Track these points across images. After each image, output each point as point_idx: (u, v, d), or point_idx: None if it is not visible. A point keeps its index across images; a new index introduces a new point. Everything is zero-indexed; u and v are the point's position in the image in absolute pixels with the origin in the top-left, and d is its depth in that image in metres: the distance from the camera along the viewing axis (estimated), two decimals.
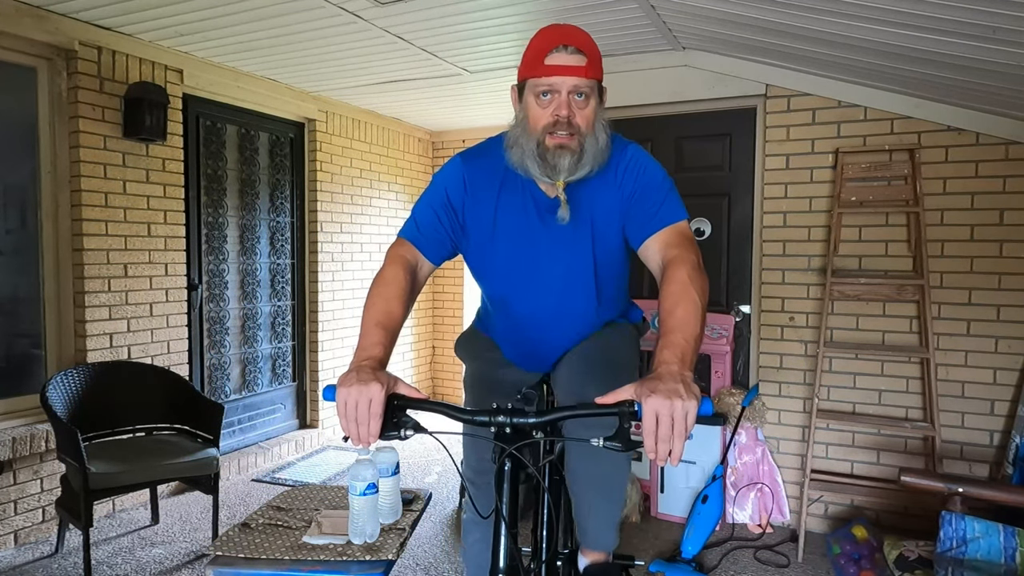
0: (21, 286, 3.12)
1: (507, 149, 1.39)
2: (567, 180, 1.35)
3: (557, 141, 1.31)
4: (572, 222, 1.41)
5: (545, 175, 1.34)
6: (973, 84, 2.56)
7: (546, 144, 1.32)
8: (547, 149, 1.32)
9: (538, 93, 1.31)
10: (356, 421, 1.10)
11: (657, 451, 0.99)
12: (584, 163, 1.33)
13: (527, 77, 1.33)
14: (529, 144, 1.34)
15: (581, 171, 1.34)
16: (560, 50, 1.28)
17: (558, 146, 1.31)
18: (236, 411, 4.12)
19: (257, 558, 1.49)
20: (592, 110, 1.33)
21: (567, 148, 1.31)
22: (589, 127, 1.33)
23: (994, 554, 1.99)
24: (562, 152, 1.31)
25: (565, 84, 1.29)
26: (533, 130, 1.33)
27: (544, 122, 1.31)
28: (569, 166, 1.32)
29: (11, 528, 2.93)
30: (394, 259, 1.39)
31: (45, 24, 2.98)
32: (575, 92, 1.30)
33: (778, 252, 3.25)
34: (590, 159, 1.34)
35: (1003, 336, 2.88)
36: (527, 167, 1.35)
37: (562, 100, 1.30)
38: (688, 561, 2.80)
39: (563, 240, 1.43)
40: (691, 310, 1.17)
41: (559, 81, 1.29)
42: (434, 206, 1.44)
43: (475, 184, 1.45)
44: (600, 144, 1.35)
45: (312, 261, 4.60)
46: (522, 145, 1.35)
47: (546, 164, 1.32)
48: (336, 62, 3.69)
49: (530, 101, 1.33)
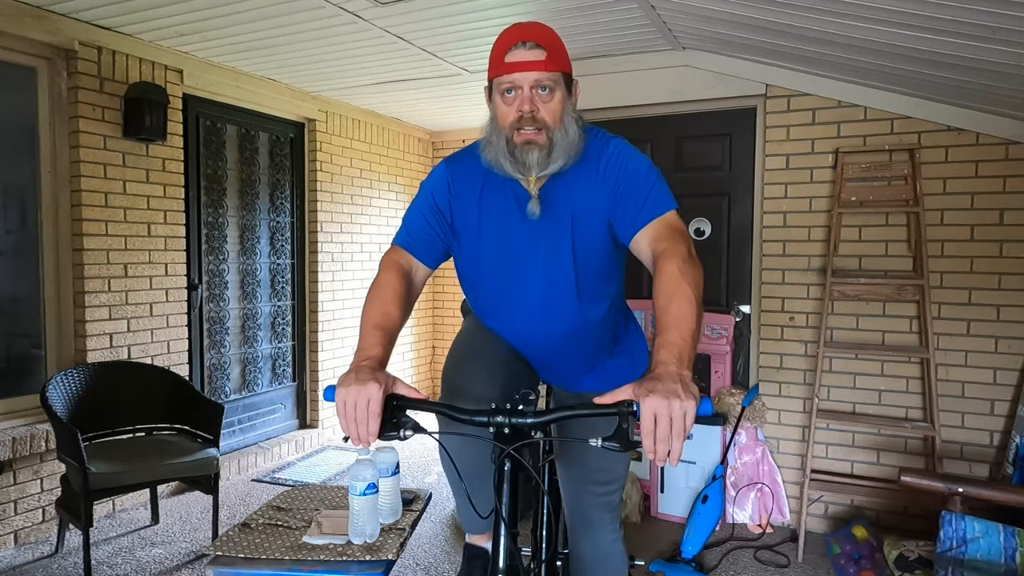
0: (21, 286, 3.12)
1: (482, 150, 1.41)
2: (539, 175, 1.36)
3: (524, 138, 1.32)
4: (551, 217, 1.41)
5: (517, 172, 1.36)
6: (973, 84, 2.56)
7: (514, 141, 1.33)
8: (516, 146, 1.33)
9: (502, 91, 1.33)
10: (355, 421, 1.10)
11: (656, 451, 0.99)
12: (555, 157, 1.34)
13: (492, 77, 1.35)
14: (500, 142, 1.35)
15: (553, 165, 1.35)
16: (519, 47, 1.30)
17: (525, 142, 1.32)
18: (236, 411, 4.12)
19: (257, 558, 1.49)
20: (558, 103, 1.34)
21: (534, 143, 1.32)
22: (556, 120, 1.34)
23: (994, 554, 1.99)
24: (529, 148, 1.32)
25: (526, 79, 1.30)
26: (502, 128, 1.35)
27: (510, 119, 1.33)
28: (539, 161, 1.33)
29: (11, 528, 2.94)
30: (388, 265, 1.41)
31: (45, 24, 2.98)
32: (537, 86, 1.31)
33: (778, 252, 3.25)
34: (561, 153, 1.34)
35: (1003, 336, 2.88)
36: (501, 164, 1.37)
37: (525, 96, 1.31)
38: (688, 561, 2.80)
39: (542, 235, 1.43)
40: (685, 305, 1.15)
41: (520, 77, 1.30)
42: (422, 210, 1.47)
43: (459, 186, 1.46)
44: (570, 136, 1.35)
45: (312, 261, 4.60)
46: (494, 144, 1.37)
47: (516, 160, 1.34)
48: (336, 62, 3.69)
49: (496, 100, 1.36)
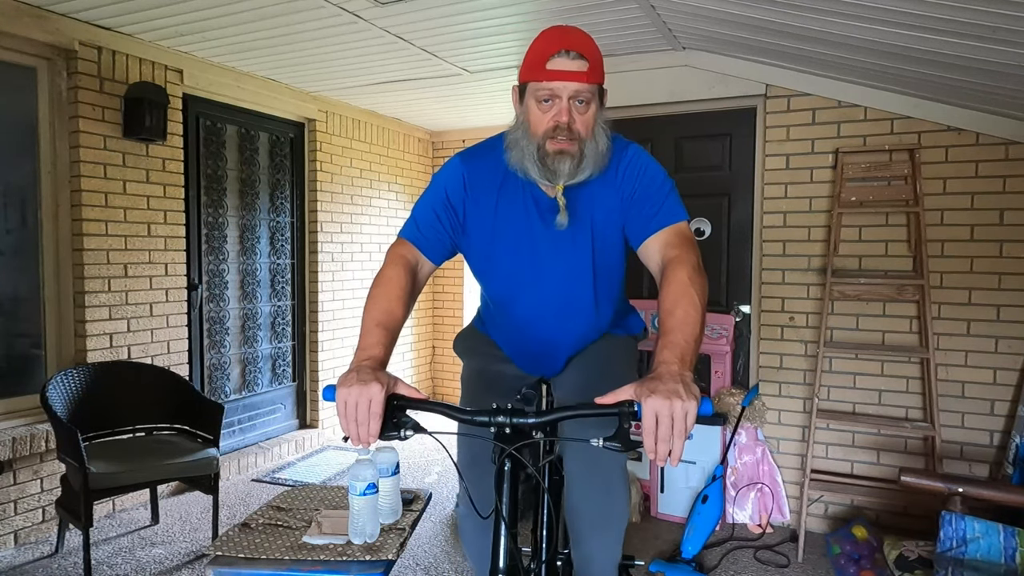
0: (21, 286, 3.12)
1: (507, 150, 1.38)
2: (566, 184, 1.34)
3: (557, 147, 1.30)
4: (572, 224, 1.41)
5: (545, 179, 1.34)
6: (973, 84, 2.56)
7: (546, 149, 1.31)
8: (547, 154, 1.31)
9: (539, 98, 1.30)
10: (356, 421, 1.10)
11: (657, 451, 0.99)
12: (584, 167, 1.33)
13: (528, 80, 1.31)
14: (529, 147, 1.33)
15: (581, 175, 1.34)
16: (562, 55, 1.27)
17: (558, 151, 1.30)
18: (236, 411, 4.12)
19: (257, 558, 1.49)
20: (592, 115, 1.32)
21: (567, 153, 1.30)
22: (589, 132, 1.32)
23: (994, 554, 1.99)
24: (562, 157, 1.30)
25: (566, 90, 1.28)
26: (534, 134, 1.33)
27: (544, 127, 1.31)
28: (569, 171, 1.31)
29: (11, 528, 2.93)
30: (394, 259, 1.38)
31: (45, 24, 2.98)
32: (576, 98, 1.29)
33: (778, 252, 3.25)
34: (590, 163, 1.33)
35: (1003, 336, 2.88)
36: (527, 169, 1.35)
37: (563, 106, 1.29)
38: (688, 561, 2.80)
39: (563, 241, 1.43)
40: (691, 311, 1.17)
41: (560, 87, 1.27)
42: (434, 206, 1.44)
43: (475, 184, 1.44)
44: (600, 148, 1.34)
45: (312, 261, 4.60)
46: (522, 147, 1.34)
47: (546, 168, 1.32)
48: (336, 62, 3.69)
49: (531, 105, 1.32)
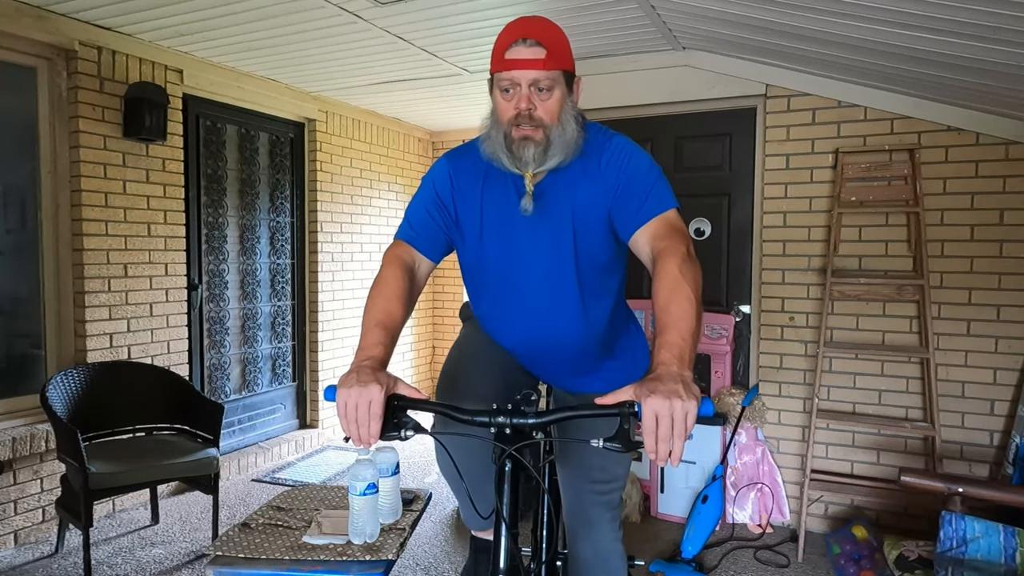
0: (21, 286, 3.12)
1: (482, 143, 1.41)
2: (536, 171, 1.36)
3: (521, 133, 1.32)
4: (551, 212, 1.42)
5: (514, 167, 1.36)
6: (973, 84, 2.56)
7: (512, 136, 1.33)
8: (513, 141, 1.33)
9: (501, 87, 1.33)
10: (356, 422, 1.10)
11: (657, 451, 0.99)
12: (552, 154, 1.34)
13: (493, 72, 1.35)
14: (498, 136, 1.36)
15: (550, 162, 1.35)
16: (519, 44, 1.30)
17: (522, 138, 1.33)
18: (236, 411, 4.12)
19: (257, 558, 1.49)
20: (556, 101, 1.33)
21: (531, 140, 1.32)
22: (554, 118, 1.34)
23: (994, 554, 1.99)
24: (526, 144, 1.33)
25: (524, 78, 1.30)
26: (500, 123, 1.36)
27: (508, 115, 1.33)
28: (536, 157, 1.33)
29: (11, 528, 2.93)
30: (391, 260, 1.40)
31: (45, 24, 2.98)
32: (535, 85, 1.31)
33: (778, 252, 3.25)
34: (558, 150, 1.34)
35: (1003, 336, 2.88)
36: (499, 158, 1.37)
37: (522, 94, 1.31)
38: (688, 561, 2.80)
39: (543, 230, 1.43)
40: (685, 305, 1.15)
41: (518, 75, 1.30)
42: (425, 204, 1.46)
43: (461, 179, 1.47)
44: (568, 134, 1.35)
45: (312, 261, 4.60)
46: (492, 137, 1.37)
47: (513, 156, 1.34)
48: (336, 62, 3.69)
49: (496, 95, 1.36)
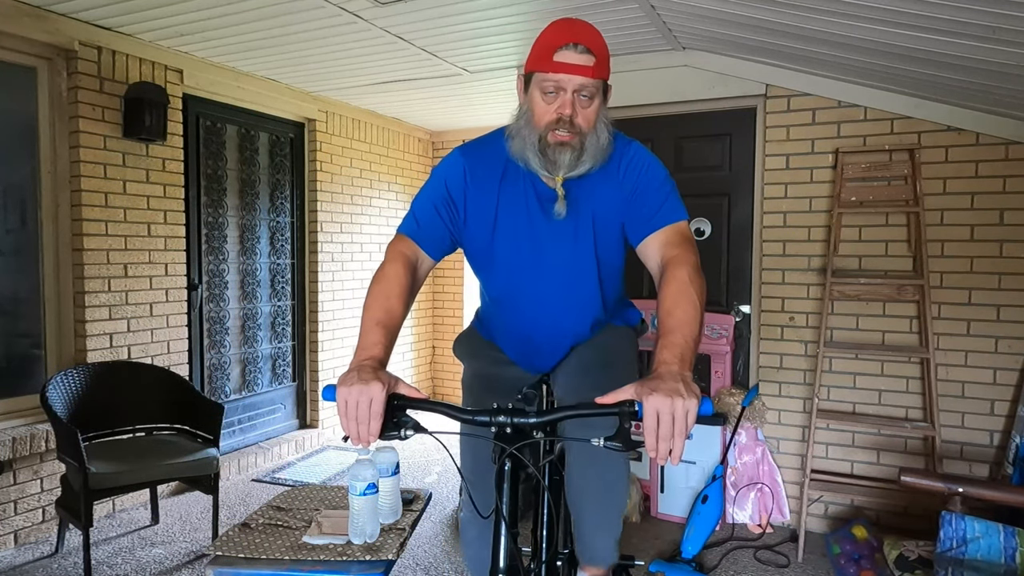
0: (21, 286, 3.12)
1: (508, 139, 1.39)
2: (566, 176, 1.35)
3: (559, 139, 1.31)
4: (574, 217, 1.41)
5: (545, 170, 1.35)
6: (973, 84, 2.56)
7: (548, 140, 1.32)
8: (548, 145, 1.32)
9: (544, 89, 1.31)
10: (356, 421, 1.10)
11: (658, 450, 0.99)
12: (584, 160, 1.34)
13: (534, 70, 1.32)
14: (531, 137, 1.34)
15: (581, 168, 1.35)
16: (570, 48, 1.27)
17: (560, 143, 1.31)
18: (236, 411, 4.12)
19: (257, 558, 1.49)
20: (595, 109, 1.33)
21: (568, 145, 1.31)
22: (591, 126, 1.33)
23: (994, 554, 1.99)
24: (563, 149, 1.32)
25: (571, 83, 1.28)
26: (536, 124, 1.33)
27: (547, 119, 1.32)
28: (569, 162, 1.33)
29: (11, 528, 2.93)
30: (394, 256, 1.38)
31: (45, 24, 2.98)
32: (580, 92, 1.29)
33: (778, 252, 3.25)
34: (590, 157, 1.34)
35: (1003, 336, 2.88)
36: (527, 159, 1.36)
37: (567, 99, 1.29)
38: (688, 561, 2.80)
39: (566, 234, 1.43)
40: (690, 311, 1.17)
41: (566, 79, 1.28)
42: (434, 200, 1.43)
43: (476, 176, 1.44)
44: (601, 142, 1.35)
45: (312, 261, 4.60)
46: (524, 137, 1.35)
47: (546, 159, 1.33)
48: (336, 62, 3.69)
49: (535, 95, 1.33)
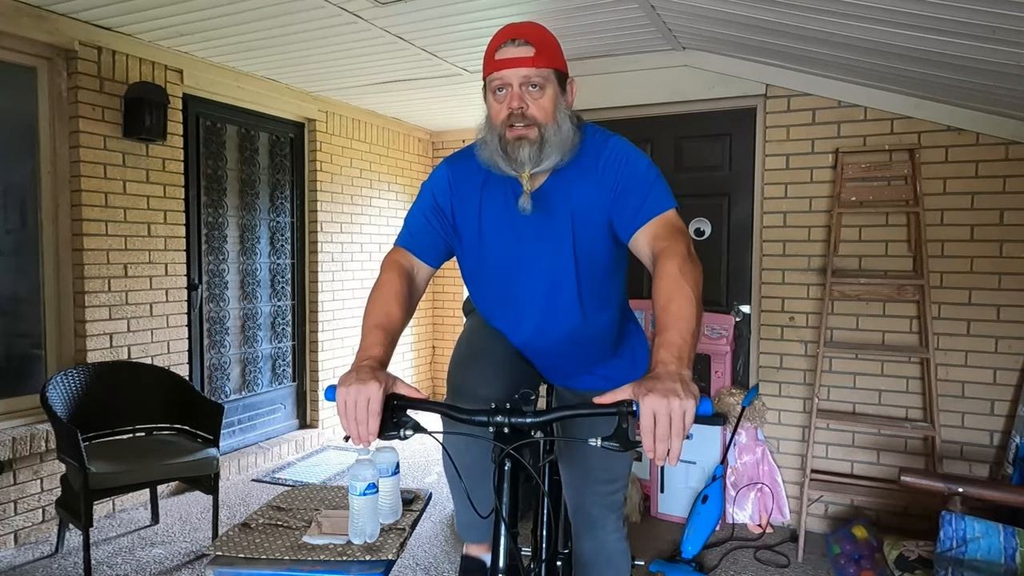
0: (21, 286, 3.12)
1: (478, 149, 1.41)
2: (533, 171, 1.35)
3: (515, 133, 1.32)
4: (551, 215, 1.41)
5: (511, 169, 1.35)
6: (973, 84, 2.56)
7: (506, 137, 1.33)
8: (508, 142, 1.33)
9: (494, 89, 1.34)
10: (355, 420, 1.11)
11: (656, 450, 0.99)
12: (547, 153, 1.34)
13: (484, 76, 1.36)
14: (493, 140, 1.36)
15: (546, 161, 1.34)
16: (508, 44, 1.31)
17: (517, 138, 1.32)
18: (236, 411, 4.12)
19: (257, 558, 1.49)
20: (550, 99, 1.34)
21: (525, 139, 1.32)
22: (547, 116, 1.33)
23: (994, 554, 1.99)
24: (520, 143, 1.32)
25: (515, 76, 1.31)
26: (494, 126, 1.36)
27: (501, 116, 1.34)
28: (531, 156, 1.33)
29: (11, 528, 2.93)
30: (389, 265, 1.42)
31: (45, 24, 2.98)
32: (527, 83, 1.31)
33: (778, 252, 3.25)
34: (554, 149, 1.34)
35: (1003, 336, 2.88)
36: (496, 163, 1.37)
37: (514, 92, 1.32)
38: (688, 561, 2.80)
39: (544, 233, 1.43)
40: (685, 305, 1.15)
41: (508, 74, 1.31)
42: (423, 210, 1.47)
43: (460, 185, 1.47)
44: (563, 132, 1.35)
45: (312, 261, 4.60)
46: (488, 142, 1.37)
47: (509, 157, 1.34)
48: (336, 62, 3.69)
49: (489, 98, 1.36)
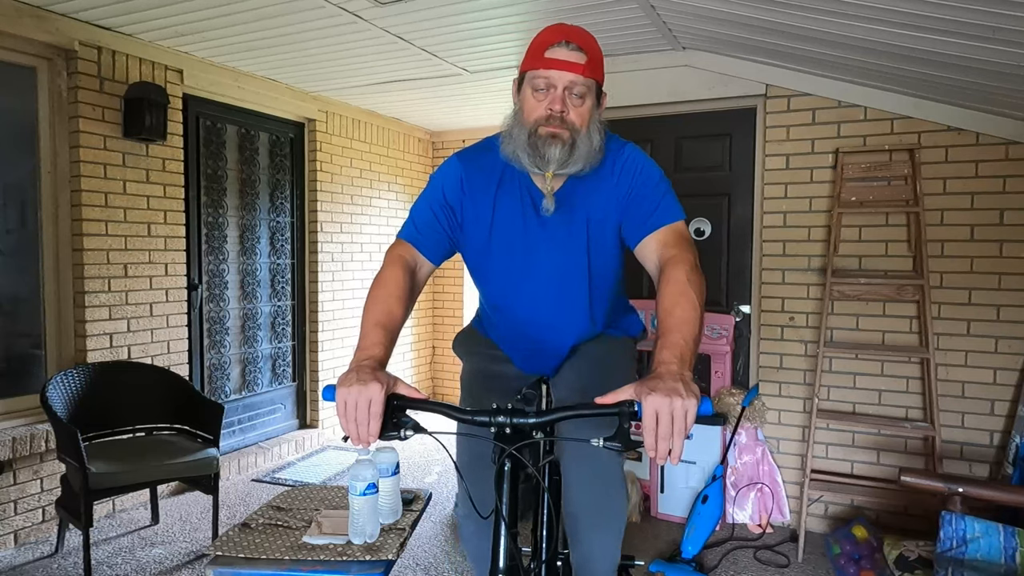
0: (21, 286, 3.12)
1: (502, 142, 1.39)
2: (556, 172, 1.34)
3: (549, 131, 1.30)
4: (567, 219, 1.41)
5: (535, 166, 1.33)
6: (973, 84, 2.56)
7: (538, 133, 1.31)
8: (538, 138, 1.31)
9: (535, 86, 1.31)
10: (356, 421, 1.10)
11: (657, 449, 0.99)
12: (576, 158, 1.32)
13: (527, 69, 1.33)
14: (521, 135, 1.34)
15: (572, 166, 1.33)
16: (561, 45, 1.29)
17: (550, 135, 1.30)
18: (236, 411, 4.12)
19: (257, 558, 1.49)
20: (588, 110, 1.33)
21: (558, 138, 1.30)
22: (583, 125, 1.32)
23: (994, 554, 1.99)
24: (553, 141, 1.30)
25: (562, 79, 1.29)
26: (526, 121, 1.34)
27: (537, 114, 1.32)
28: (560, 157, 1.31)
29: (11, 528, 2.93)
30: (393, 260, 1.39)
31: (45, 24, 2.98)
32: (571, 89, 1.30)
33: (778, 252, 3.25)
34: (582, 156, 1.33)
35: (1003, 336, 2.88)
36: (519, 158, 1.35)
37: (557, 95, 1.30)
38: (688, 561, 2.80)
39: (558, 237, 1.43)
40: (689, 310, 1.17)
41: (556, 75, 1.29)
42: (432, 206, 1.44)
43: (472, 183, 1.44)
44: (593, 145, 1.34)
45: (312, 261, 4.60)
46: (514, 136, 1.35)
47: (536, 153, 1.32)
48: (336, 62, 3.69)
49: (527, 93, 1.34)
